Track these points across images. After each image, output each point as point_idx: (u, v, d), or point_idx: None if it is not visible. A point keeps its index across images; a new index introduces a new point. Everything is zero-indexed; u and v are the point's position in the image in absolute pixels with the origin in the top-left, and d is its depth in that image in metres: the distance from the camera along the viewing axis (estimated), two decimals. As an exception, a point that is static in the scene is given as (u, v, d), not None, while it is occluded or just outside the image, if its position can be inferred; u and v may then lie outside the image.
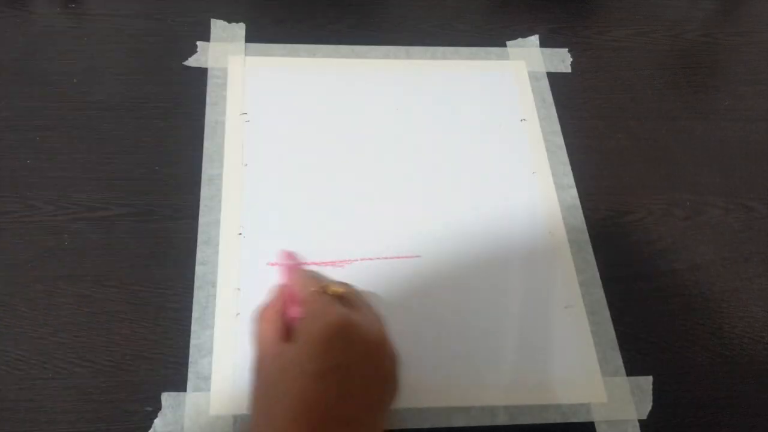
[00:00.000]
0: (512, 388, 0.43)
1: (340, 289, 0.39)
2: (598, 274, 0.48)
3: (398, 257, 0.47)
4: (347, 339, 0.34)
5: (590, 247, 0.49)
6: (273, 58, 0.56)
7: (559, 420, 0.42)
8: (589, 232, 0.50)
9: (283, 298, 0.40)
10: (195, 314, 0.43)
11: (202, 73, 0.54)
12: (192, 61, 0.55)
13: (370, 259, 0.47)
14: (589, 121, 0.57)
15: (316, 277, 0.40)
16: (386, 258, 0.47)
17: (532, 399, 0.43)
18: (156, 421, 0.40)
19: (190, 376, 0.41)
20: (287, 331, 0.37)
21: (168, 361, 0.42)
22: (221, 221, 0.47)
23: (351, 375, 0.33)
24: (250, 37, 0.57)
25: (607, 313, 0.47)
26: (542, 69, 0.59)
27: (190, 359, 0.42)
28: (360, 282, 0.46)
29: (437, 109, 0.55)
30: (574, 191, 0.52)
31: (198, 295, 0.44)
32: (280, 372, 0.34)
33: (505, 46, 0.60)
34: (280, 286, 0.42)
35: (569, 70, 0.60)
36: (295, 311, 0.38)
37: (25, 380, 0.41)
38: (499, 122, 0.55)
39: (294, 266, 0.44)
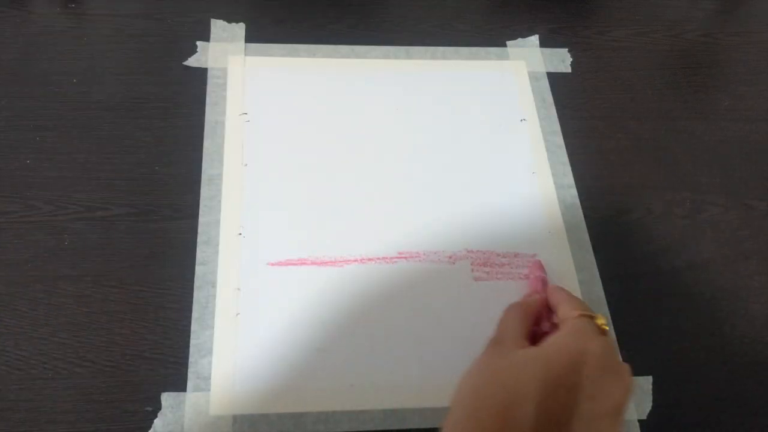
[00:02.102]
0: (512, 388, 0.43)
1: (605, 323, 0.37)
2: (598, 274, 0.48)
3: (398, 257, 0.47)
4: (595, 373, 0.32)
5: (590, 246, 0.49)
6: (273, 58, 0.56)
7: (559, 420, 0.42)
8: (589, 232, 0.50)
9: (542, 306, 0.40)
10: (195, 314, 0.43)
11: (202, 73, 0.54)
12: (192, 61, 0.55)
13: (370, 259, 0.47)
14: (589, 121, 0.57)
15: (582, 302, 0.39)
16: (386, 258, 0.47)
17: (532, 399, 0.43)
18: (156, 421, 0.40)
19: (190, 376, 0.41)
20: (532, 337, 0.36)
21: (168, 361, 0.42)
22: (221, 221, 0.47)
23: (579, 406, 0.31)
24: (250, 37, 0.57)
25: (607, 313, 0.47)
26: (542, 69, 0.59)
27: (190, 359, 0.42)
28: (360, 282, 0.46)
29: (437, 109, 0.55)
30: (574, 191, 0.52)
31: (198, 295, 0.44)
32: (512, 360, 0.33)
33: (505, 46, 0.60)
34: (538, 294, 0.42)
35: (569, 70, 0.60)
36: (546, 326, 0.38)
37: (25, 380, 0.41)
38: (499, 122, 0.55)
39: (546, 280, 0.45)
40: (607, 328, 0.37)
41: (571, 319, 0.36)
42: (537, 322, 0.40)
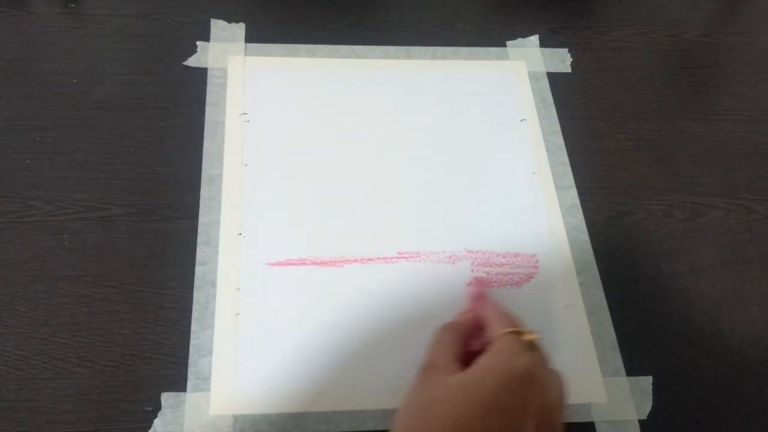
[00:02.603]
0: (512, 389, 0.43)
1: (535, 338, 0.36)
2: (598, 275, 0.48)
3: (398, 257, 0.47)
4: (526, 390, 0.32)
5: (590, 247, 0.49)
6: (273, 58, 0.56)
7: (559, 420, 0.42)
8: (589, 233, 0.50)
9: (473, 325, 0.39)
10: (195, 314, 0.43)
11: (202, 73, 0.54)
12: (192, 61, 0.55)
13: (370, 259, 0.47)
14: (589, 121, 0.57)
15: (513, 317, 0.39)
16: (386, 258, 0.47)
17: (532, 399, 0.43)
18: (156, 421, 0.40)
19: (190, 376, 0.41)
20: (464, 358, 0.36)
21: (168, 361, 0.42)
22: (221, 221, 0.47)
23: (520, 427, 0.31)
24: (250, 37, 0.57)
25: (607, 314, 0.47)
26: (542, 69, 0.59)
27: (190, 359, 0.42)
28: (360, 282, 0.46)
29: (437, 109, 0.55)
30: (574, 191, 0.52)
31: (198, 295, 0.44)
32: (445, 390, 0.33)
33: (505, 46, 0.60)
34: (471, 311, 0.42)
35: (569, 70, 0.60)
36: (477, 344, 0.38)
37: (25, 380, 0.41)
38: (499, 122, 0.55)
39: (483, 295, 0.44)
40: (535, 339, 0.36)
41: (498, 338, 0.36)
42: (469, 340, 0.38)
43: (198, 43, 0.56)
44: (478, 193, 0.51)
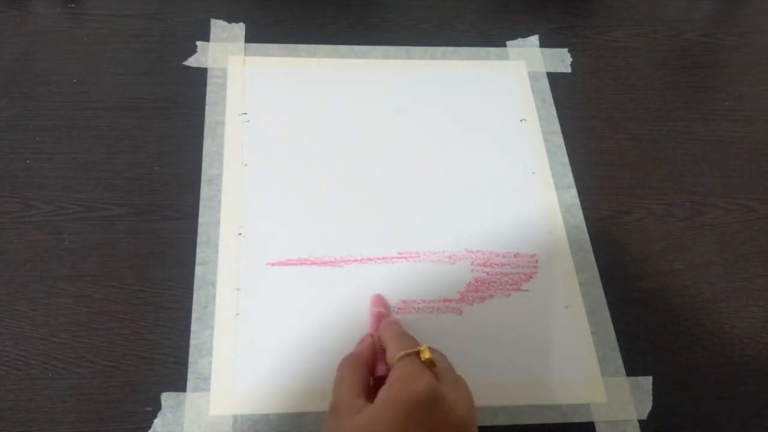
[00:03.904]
0: (512, 388, 0.43)
1: (433, 356, 0.36)
2: (598, 274, 0.48)
3: (398, 257, 0.47)
4: (432, 412, 0.32)
5: (590, 246, 0.49)
6: (273, 58, 0.56)
7: (558, 420, 0.42)
8: (589, 232, 0.50)
9: (373, 351, 0.39)
10: (195, 314, 0.43)
11: (202, 73, 0.54)
12: (192, 61, 0.55)
13: (370, 259, 0.47)
14: (589, 121, 0.57)
15: (409, 337, 0.38)
16: (386, 258, 0.47)
17: (531, 399, 0.43)
18: (156, 421, 0.40)
19: (190, 376, 0.41)
20: (370, 387, 0.36)
21: (168, 361, 0.42)
22: (221, 221, 0.47)
23: None
24: (250, 37, 0.57)
25: (607, 313, 0.47)
26: (542, 69, 0.59)
27: (190, 359, 0.42)
28: (360, 282, 0.46)
29: (437, 109, 0.55)
30: (573, 191, 0.52)
31: (198, 295, 0.44)
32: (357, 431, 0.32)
33: (505, 46, 0.60)
34: (371, 336, 0.41)
35: (569, 70, 0.60)
36: (382, 369, 0.37)
37: (25, 380, 0.41)
38: (499, 122, 0.55)
39: (384, 315, 0.43)
40: (430, 357, 0.35)
41: (395, 364, 0.35)
42: (375, 365, 0.38)
43: (198, 43, 0.56)
44: (478, 193, 0.51)
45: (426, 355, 0.35)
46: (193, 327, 0.43)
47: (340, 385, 0.36)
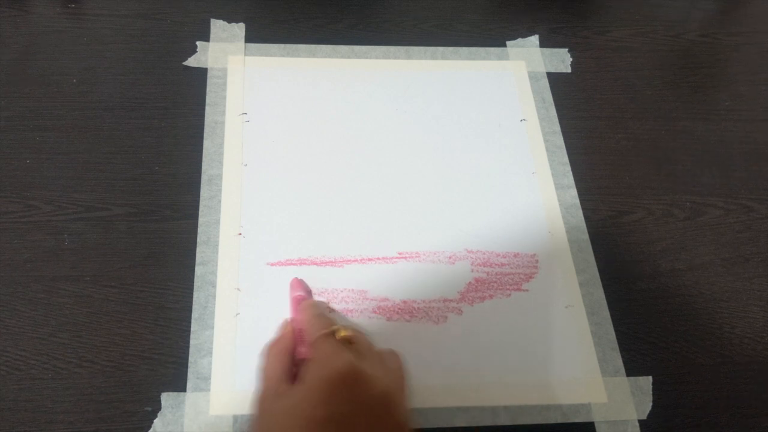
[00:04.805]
0: (513, 388, 0.43)
1: (350, 334, 0.37)
2: (598, 274, 0.48)
3: (398, 257, 0.47)
4: (353, 388, 0.33)
5: (590, 247, 0.49)
6: (273, 58, 0.56)
7: (559, 420, 0.42)
8: (589, 232, 0.50)
9: (293, 335, 0.39)
10: (195, 314, 0.43)
11: (202, 73, 0.54)
12: (192, 61, 0.55)
13: (370, 259, 0.47)
14: (589, 121, 0.57)
15: (326, 317, 0.39)
16: (385, 258, 0.47)
17: (532, 399, 0.43)
18: (156, 421, 0.40)
19: (190, 376, 0.41)
20: (294, 370, 0.36)
21: (168, 361, 0.42)
22: (221, 221, 0.47)
23: (354, 426, 0.32)
24: (250, 37, 0.57)
25: (607, 313, 0.47)
26: (542, 69, 0.59)
27: (189, 359, 0.42)
28: (360, 282, 0.46)
29: (437, 110, 0.55)
30: (574, 191, 0.52)
31: (198, 295, 0.44)
32: (282, 415, 0.33)
33: (505, 46, 0.60)
34: (291, 320, 0.41)
35: (569, 70, 0.60)
36: (303, 351, 0.37)
37: (25, 380, 0.41)
38: (499, 122, 0.55)
39: (303, 298, 0.43)
40: (350, 335, 0.36)
41: (313, 344, 0.36)
42: (297, 349, 0.38)
43: (198, 43, 0.56)
44: (478, 193, 0.51)
45: (341, 333, 0.36)
46: (193, 327, 0.43)
47: (263, 372, 0.37)
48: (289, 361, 0.37)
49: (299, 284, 0.44)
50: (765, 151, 0.57)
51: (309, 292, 0.45)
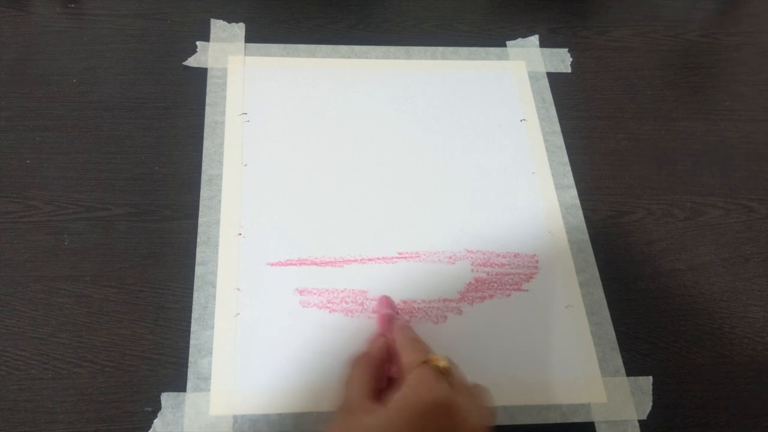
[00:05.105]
0: (512, 388, 0.43)
1: (448, 366, 0.35)
2: (598, 274, 0.48)
3: (398, 257, 0.47)
4: (444, 420, 0.32)
5: (590, 247, 0.49)
6: (273, 59, 0.56)
7: (559, 420, 0.42)
8: (589, 232, 0.50)
9: (386, 352, 0.38)
10: (195, 314, 0.43)
11: (202, 73, 0.54)
12: (192, 61, 0.55)
13: (370, 259, 0.47)
14: (589, 121, 0.57)
15: (422, 343, 0.38)
16: (385, 258, 0.47)
17: (532, 399, 0.43)
18: (156, 421, 0.40)
19: (190, 376, 0.41)
20: (380, 388, 0.36)
21: (168, 361, 0.42)
22: (221, 221, 0.47)
23: None
24: (250, 37, 0.57)
25: (607, 313, 0.47)
26: (542, 69, 0.59)
27: (189, 359, 0.42)
28: (360, 282, 0.46)
29: (437, 110, 0.55)
30: (574, 191, 0.52)
31: (198, 295, 0.44)
32: None
33: (504, 46, 0.60)
34: (381, 336, 0.41)
35: (569, 70, 0.60)
36: (395, 371, 0.37)
37: (25, 380, 0.41)
38: (499, 122, 0.55)
39: (392, 317, 0.42)
40: (448, 366, 0.35)
41: (412, 369, 0.35)
42: (384, 365, 0.38)
43: (198, 43, 0.56)
44: (478, 193, 0.51)
45: (441, 363, 0.35)
46: (193, 327, 0.43)
47: (351, 383, 0.36)
48: (377, 378, 0.36)
49: (388, 302, 0.44)
50: (765, 151, 0.57)
51: (396, 310, 0.44)
